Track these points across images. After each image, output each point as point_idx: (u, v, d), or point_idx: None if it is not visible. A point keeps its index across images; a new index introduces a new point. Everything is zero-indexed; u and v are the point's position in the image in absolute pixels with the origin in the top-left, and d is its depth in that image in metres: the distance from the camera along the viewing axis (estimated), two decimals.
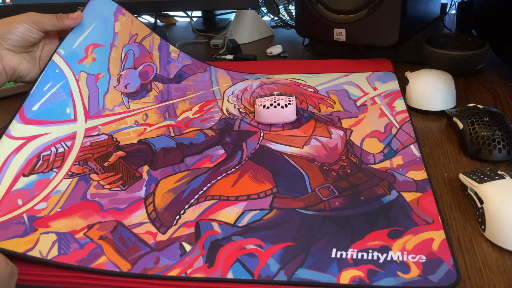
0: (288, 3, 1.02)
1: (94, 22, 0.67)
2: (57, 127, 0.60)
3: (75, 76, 0.63)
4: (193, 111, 0.69)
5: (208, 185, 0.53)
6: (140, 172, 0.56)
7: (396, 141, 0.58)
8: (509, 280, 0.39)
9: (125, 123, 0.65)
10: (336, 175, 0.53)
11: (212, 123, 0.65)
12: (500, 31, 0.77)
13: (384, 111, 0.65)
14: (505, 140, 0.54)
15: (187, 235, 0.45)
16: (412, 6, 0.78)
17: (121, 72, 0.68)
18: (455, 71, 0.72)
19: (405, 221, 0.45)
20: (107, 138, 0.62)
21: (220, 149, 0.59)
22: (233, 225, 0.46)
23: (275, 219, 0.47)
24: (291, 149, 0.58)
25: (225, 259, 0.42)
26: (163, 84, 0.72)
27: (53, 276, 0.42)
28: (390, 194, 0.49)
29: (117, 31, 0.69)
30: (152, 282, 0.40)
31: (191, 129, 0.64)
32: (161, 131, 0.64)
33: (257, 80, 0.77)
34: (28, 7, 0.94)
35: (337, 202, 0.49)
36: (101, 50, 0.67)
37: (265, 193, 0.51)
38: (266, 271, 0.41)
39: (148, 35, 0.73)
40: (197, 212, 0.48)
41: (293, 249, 0.43)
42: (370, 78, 0.75)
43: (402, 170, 0.53)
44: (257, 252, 0.43)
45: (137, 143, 0.62)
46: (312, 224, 0.46)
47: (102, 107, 0.65)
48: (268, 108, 0.63)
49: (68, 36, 0.64)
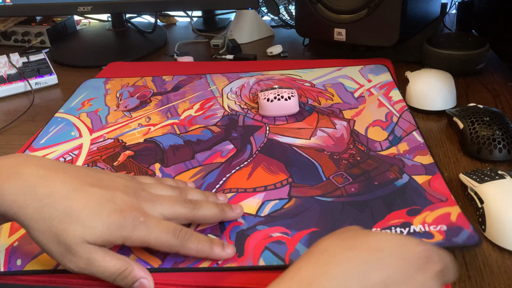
0: (288, 3, 1.02)
1: (86, 91, 0.77)
2: (63, 145, 0.62)
3: (75, 116, 0.69)
4: (194, 109, 0.69)
5: (224, 179, 0.53)
6: (153, 170, 0.56)
7: (399, 129, 0.60)
8: (510, 280, 0.39)
9: (129, 127, 0.66)
10: (347, 163, 0.54)
11: (216, 120, 0.66)
12: (500, 30, 0.77)
13: (382, 101, 0.67)
14: (505, 140, 0.54)
15: (212, 228, 0.45)
16: (412, 6, 0.78)
17: (119, 102, 0.73)
18: (455, 71, 0.72)
19: (420, 200, 0.47)
20: (112, 141, 0.63)
21: (229, 144, 0.60)
22: (256, 215, 0.47)
23: (295, 207, 0.48)
24: (299, 141, 0.59)
25: (254, 248, 0.43)
26: (162, 96, 0.74)
27: (53, 276, 0.42)
28: (402, 178, 0.51)
29: (108, 88, 0.78)
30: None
31: (196, 126, 0.65)
32: (166, 129, 0.64)
33: (253, 77, 0.78)
34: (28, 7, 0.94)
35: (353, 188, 0.50)
36: (96, 100, 0.74)
37: (281, 183, 0.51)
38: (296, 255, 0.41)
39: (139, 79, 0.81)
40: None
41: (318, 234, 0.44)
42: (363, 71, 0.77)
43: (409, 155, 0.54)
44: (284, 239, 0.43)
45: (143, 142, 0.62)
46: (333, 210, 0.47)
47: (105, 123, 0.67)
48: (272, 101, 0.64)
49: (65, 103, 0.73)
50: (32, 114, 0.75)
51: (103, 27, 1.13)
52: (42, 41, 1.04)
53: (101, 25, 1.15)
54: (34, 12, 0.96)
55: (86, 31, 1.13)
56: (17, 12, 0.96)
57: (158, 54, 0.97)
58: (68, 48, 1.03)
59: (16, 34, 1.06)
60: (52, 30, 1.05)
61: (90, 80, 0.81)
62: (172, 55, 0.95)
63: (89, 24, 1.18)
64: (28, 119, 0.73)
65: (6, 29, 1.06)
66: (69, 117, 0.69)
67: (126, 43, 1.03)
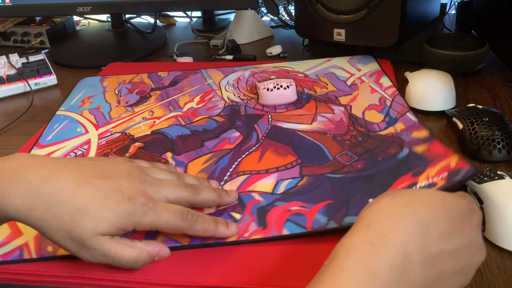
0: (287, 3, 1.02)
1: (84, 89, 0.78)
2: (71, 141, 0.63)
3: (78, 114, 0.71)
4: (195, 101, 0.71)
5: (236, 163, 0.55)
6: (165, 158, 0.57)
7: (393, 111, 0.64)
8: (509, 280, 0.39)
9: (134, 121, 0.67)
10: (350, 143, 0.57)
11: (218, 111, 0.68)
12: (500, 31, 0.77)
13: (374, 88, 0.71)
14: (504, 140, 0.54)
15: (233, 206, 0.48)
16: (412, 6, 0.78)
17: (119, 98, 0.74)
18: (455, 71, 0.72)
19: (423, 163, 0.51)
20: (120, 134, 0.64)
21: (235, 132, 0.62)
22: (273, 193, 0.50)
23: (309, 184, 0.51)
24: (301, 126, 0.62)
25: (276, 221, 0.45)
26: (161, 90, 0.76)
27: (53, 276, 0.42)
28: (402, 151, 0.54)
29: (105, 85, 0.79)
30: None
31: (200, 117, 0.66)
32: (171, 121, 0.66)
33: (247, 70, 0.80)
34: (28, 7, 0.94)
35: (359, 165, 0.53)
36: (96, 97, 0.75)
37: (292, 164, 0.54)
38: (317, 223, 0.45)
39: (134, 76, 0.82)
40: (234, 186, 0.51)
41: (334, 205, 0.47)
42: (352, 61, 0.80)
43: (406, 132, 0.58)
44: (303, 211, 0.47)
45: (151, 134, 0.63)
46: (343, 184, 0.50)
47: (109, 119, 0.68)
48: (271, 91, 0.67)
49: (65, 102, 0.74)
50: (31, 115, 0.75)
51: (102, 27, 1.13)
52: (42, 41, 1.04)
53: (101, 26, 1.15)
54: (33, 12, 0.96)
55: (86, 31, 1.13)
56: (16, 12, 0.96)
57: (158, 55, 0.97)
58: (68, 48, 1.03)
59: (16, 34, 1.06)
60: (52, 31, 1.05)
61: (86, 79, 0.82)
62: (172, 55, 0.95)
63: (88, 24, 1.18)
64: (27, 119, 0.73)
65: (5, 29, 1.06)
66: (72, 115, 0.70)
67: (126, 44, 1.03)
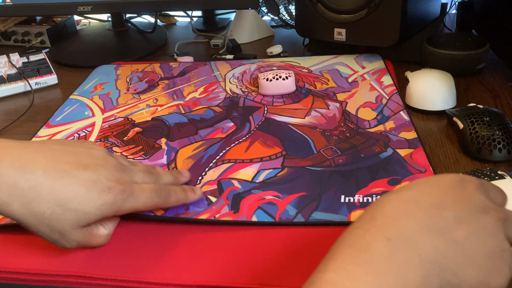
0: (288, 3, 1.02)
1: (98, 76, 0.83)
2: (78, 123, 0.68)
3: (89, 98, 0.76)
4: (198, 92, 0.75)
5: (223, 151, 0.59)
6: (159, 144, 0.61)
7: (387, 109, 0.65)
8: None
9: (138, 107, 0.72)
10: (337, 139, 0.59)
11: (219, 101, 0.71)
12: (500, 31, 0.77)
13: (374, 86, 0.72)
14: (505, 140, 0.54)
15: (211, 191, 0.51)
16: (412, 6, 0.78)
17: (129, 86, 0.79)
18: (455, 71, 0.72)
19: (401, 171, 0.52)
20: (122, 119, 0.68)
21: (230, 122, 0.65)
22: (251, 181, 0.52)
23: (288, 175, 0.53)
24: (294, 120, 0.65)
25: (248, 207, 0.48)
26: (169, 80, 0.80)
27: (53, 275, 0.42)
28: (386, 151, 0.56)
29: (119, 73, 0.84)
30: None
31: (200, 107, 0.70)
32: (172, 109, 0.70)
33: (254, 64, 0.84)
34: (28, 7, 0.94)
35: (340, 160, 0.55)
36: (108, 84, 0.80)
37: (276, 155, 0.57)
38: (286, 215, 0.47)
39: (147, 65, 0.86)
40: (217, 173, 0.54)
41: (307, 197, 0.49)
42: (358, 59, 0.82)
43: (395, 132, 0.60)
44: (275, 201, 0.49)
45: (151, 120, 0.67)
46: (321, 177, 0.52)
47: (115, 104, 0.73)
48: (271, 81, 0.70)
49: (79, 87, 0.80)
50: (32, 114, 0.75)
51: (103, 27, 1.13)
52: (42, 41, 1.04)
53: (101, 25, 1.15)
54: (34, 12, 0.96)
55: (86, 31, 1.13)
56: (17, 12, 0.96)
57: (158, 54, 0.97)
58: (68, 48, 1.03)
59: (16, 34, 1.06)
60: (52, 30, 1.05)
61: (102, 67, 0.88)
62: (172, 55, 0.95)
63: (89, 24, 1.18)
64: (28, 119, 0.73)
65: (6, 29, 1.06)
66: (83, 99, 0.75)
67: (126, 43, 1.03)
